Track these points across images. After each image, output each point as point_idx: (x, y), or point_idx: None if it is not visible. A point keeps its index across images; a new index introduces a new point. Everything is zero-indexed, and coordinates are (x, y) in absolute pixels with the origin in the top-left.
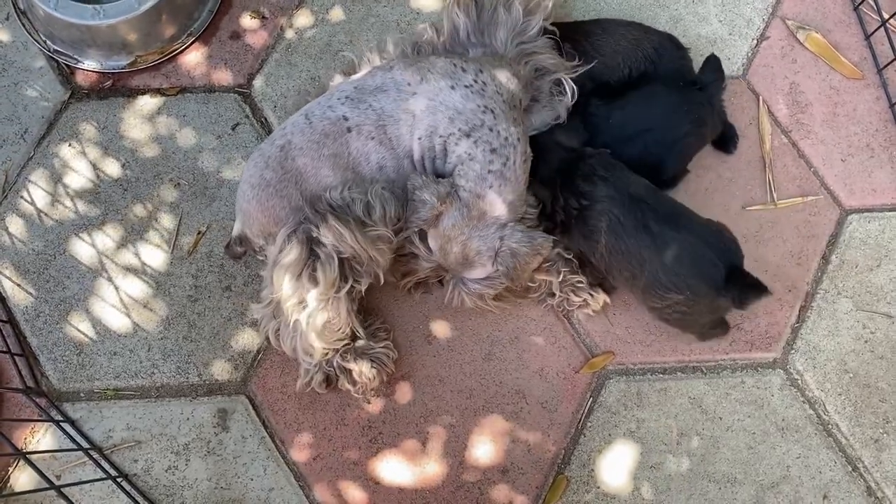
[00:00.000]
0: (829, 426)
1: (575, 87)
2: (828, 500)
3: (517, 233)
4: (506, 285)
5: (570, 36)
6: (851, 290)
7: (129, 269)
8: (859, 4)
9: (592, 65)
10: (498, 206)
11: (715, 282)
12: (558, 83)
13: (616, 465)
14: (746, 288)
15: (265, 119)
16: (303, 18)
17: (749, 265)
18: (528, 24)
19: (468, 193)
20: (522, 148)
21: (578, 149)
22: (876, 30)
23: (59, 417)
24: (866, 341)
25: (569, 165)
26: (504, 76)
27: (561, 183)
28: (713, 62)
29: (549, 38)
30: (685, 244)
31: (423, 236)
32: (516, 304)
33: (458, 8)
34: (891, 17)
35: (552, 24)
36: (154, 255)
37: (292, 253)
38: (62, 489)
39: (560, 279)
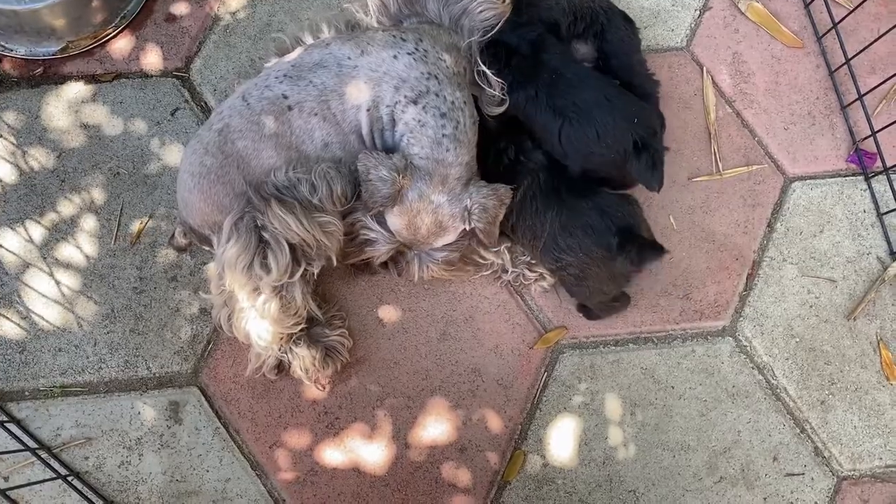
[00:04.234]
0: (778, 390)
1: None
2: (778, 461)
3: (482, 188)
4: (467, 243)
5: None
6: (796, 257)
7: (71, 263)
8: None
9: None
10: (456, 167)
11: (608, 244)
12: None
13: (572, 437)
14: (642, 247)
15: (205, 103)
16: None
17: (696, 235)
18: None
19: (426, 160)
20: (470, 111)
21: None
22: None
23: (3, 418)
24: (811, 306)
25: (520, 124)
26: (444, 43)
27: (507, 131)
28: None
29: None
30: (583, 211)
31: (378, 219)
32: (472, 273)
33: None
34: None
35: None
36: (96, 247)
37: (241, 242)
38: (8, 492)
39: (512, 256)
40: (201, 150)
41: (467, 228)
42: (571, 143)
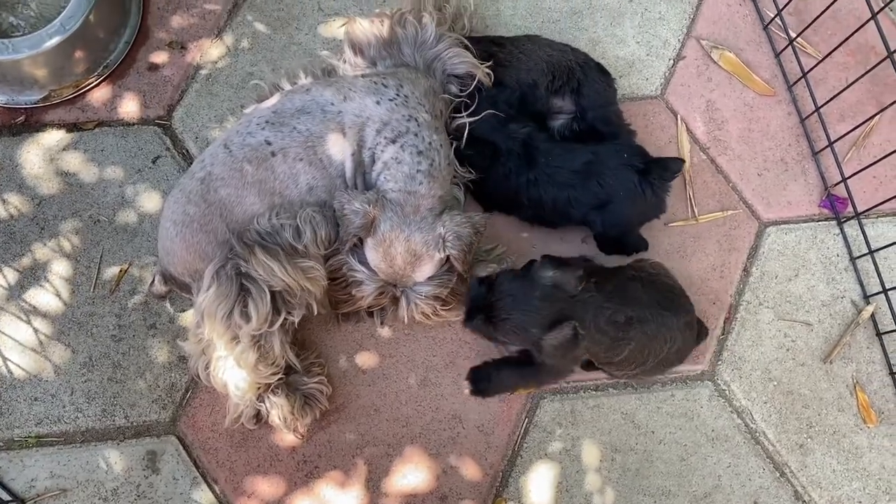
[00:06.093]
0: (757, 434)
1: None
2: None
3: (455, 216)
4: (455, 278)
5: (499, 42)
6: (772, 301)
7: (49, 311)
8: (768, 24)
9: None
10: (429, 199)
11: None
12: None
13: (552, 484)
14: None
15: (186, 151)
16: (223, 48)
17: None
18: (425, 34)
19: (398, 193)
20: (446, 153)
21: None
22: (784, 48)
23: None
24: (788, 349)
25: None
26: (422, 88)
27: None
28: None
29: (456, 38)
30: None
31: (360, 259)
32: (454, 315)
33: (367, 28)
34: (798, 35)
35: (482, 36)
36: (75, 294)
37: (221, 290)
38: None
39: None
40: (184, 199)
41: (442, 256)
42: (581, 205)
